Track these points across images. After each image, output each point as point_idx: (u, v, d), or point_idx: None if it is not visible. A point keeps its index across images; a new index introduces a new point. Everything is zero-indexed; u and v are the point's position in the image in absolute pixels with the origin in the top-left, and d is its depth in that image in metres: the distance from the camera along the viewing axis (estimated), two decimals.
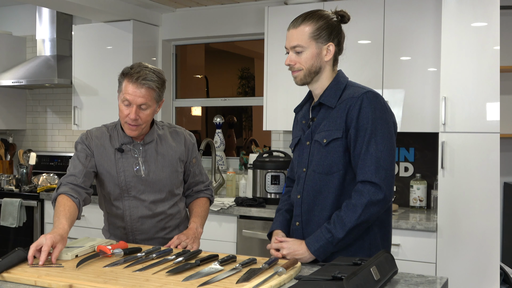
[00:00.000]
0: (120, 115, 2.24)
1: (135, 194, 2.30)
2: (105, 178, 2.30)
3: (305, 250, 1.92)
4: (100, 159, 2.29)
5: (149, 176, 2.29)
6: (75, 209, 2.13)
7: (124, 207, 2.31)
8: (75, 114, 4.65)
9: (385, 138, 1.92)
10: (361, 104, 1.93)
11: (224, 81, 5.98)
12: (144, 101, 2.17)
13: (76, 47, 4.63)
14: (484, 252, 3.06)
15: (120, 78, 2.24)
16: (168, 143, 2.35)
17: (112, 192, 2.31)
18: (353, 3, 3.56)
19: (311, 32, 1.98)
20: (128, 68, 2.22)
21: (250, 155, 4.23)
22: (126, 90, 2.18)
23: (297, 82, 2.05)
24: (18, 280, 1.73)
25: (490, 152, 3.06)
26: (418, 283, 1.71)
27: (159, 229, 2.36)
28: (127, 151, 2.29)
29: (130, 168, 2.28)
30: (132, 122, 2.19)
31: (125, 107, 2.20)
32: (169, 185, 2.34)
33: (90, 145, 2.30)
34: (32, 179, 4.67)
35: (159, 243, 2.35)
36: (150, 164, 2.30)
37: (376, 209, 1.90)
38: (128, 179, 2.28)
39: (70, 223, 2.03)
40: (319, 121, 2.03)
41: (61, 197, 2.13)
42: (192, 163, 2.44)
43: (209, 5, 4.52)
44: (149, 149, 2.31)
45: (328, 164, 1.97)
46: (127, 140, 2.30)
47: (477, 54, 3.09)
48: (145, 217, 2.32)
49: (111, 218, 2.38)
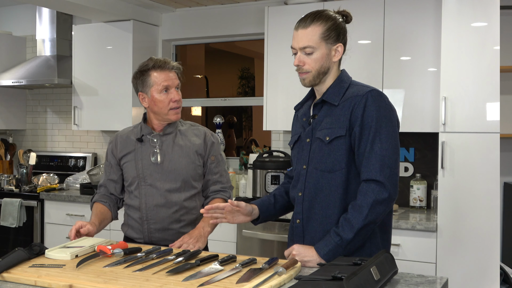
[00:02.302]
0: (162, 105, 2.37)
1: (151, 182, 2.40)
2: (127, 168, 2.45)
3: (314, 254, 1.91)
4: (123, 151, 2.47)
5: (164, 164, 2.40)
6: (106, 210, 2.47)
7: (140, 195, 2.41)
8: (75, 114, 4.65)
9: (389, 136, 1.92)
10: (366, 102, 1.93)
11: (224, 81, 5.99)
12: (178, 82, 2.41)
13: (76, 47, 4.63)
14: (484, 252, 3.06)
15: (141, 77, 2.39)
16: (187, 137, 2.46)
17: (131, 181, 2.44)
18: (353, 3, 3.55)
19: (321, 32, 1.97)
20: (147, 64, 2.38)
21: (250, 155, 4.23)
22: (162, 79, 2.36)
23: (305, 84, 2.04)
24: (18, 280, 1.73)
25: (490, 152, 3.06)
26: (418, 283, 1.71)
27: (174, 221, 2.39)
28: (146, 141, 2.43)
29: (147, 156, 2.41)
30: (177, 104, 2.39)
31: (164, 95, 2.36)
32: (185, 174, 2.40)
33: (115, 147, 2.50)
34: (32, 179, 4.67)
35: (173, 235, 2.38)
36: (167, 153, 2.41)
37: (382, 208, 1.89)
38: (145, 166, 2.40)
39: (99, 219, 2.40)
40: (320, 119, 2.03)
41: (94, 204, 2.49)
42: (210, 160, 2.48)
43: (209, 5, 4.52)
44: (167, 139, 2.43)
45: (331, 162, 1.97)
46: (147, 131, 2.45)
47: (477, 54, 3.09)
48: (160, 206, 2.39)
49: (129, 210, 2.48)
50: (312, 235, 2.02)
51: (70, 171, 4.94)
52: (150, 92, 2.37)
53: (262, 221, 2.19)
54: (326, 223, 1.98)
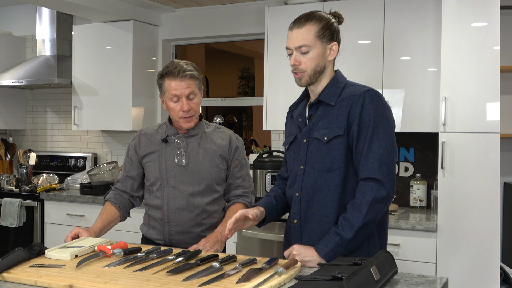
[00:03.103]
0: (173, 114, 2.36)
1: (174, 184, 2.37)
2: (149, 168, 2.42)
3: (315, 254, 1.91)
4: (146, 149, 2.44)
5: (189, 166, 2.37)
6: (114, 211, 2.44)
7: (163, 197, 2.39)
8: (75, 114, 4.65)
9: (387, 135, 1.94)
10: (363, 101, 1.94)
11: (224, 81, 5.99)
12: (190, 90, 2.32)
13: (76, 47, 4.63)
14: (484, 252, 3.06)
15: (159, 81, 2.37)
16: (212, 139, 2.43)
17: (154, 181, 2.41)
18: (353, 3, 3.55)
19: (316, 31, 1.99)
20: (164, 69, 2.35)
21: (250, 155, 4.23)
22: (172, 87, 2.31)
23: (302, 84, 2.05)
24: (18, 280, 1.73)
25: (490, 152, 3.06)
26: (418, 283, 1.71)
27: (195, 224, 2.38)
28: (171, 142, 2.41)
29: (172, 157, 2.38)
30: (187, 114, 2.32)
31: (175, 103, 2.33)
32: (209, 178, 2.38)
33: (138, 144, 2.47)
34: (32, 179, 4.67)
35: (193, 238, 2.37)
36: (191, 155, 2.38)
37: (381, 206, 1.91)
38: (169, 168, 2.38)
39: (103, 224, 2.38)
40: (317, 119, 2.04)
41: (106, 203, 2.47)
42: (234, 164, 2.46)
43: (209, 5, 4.52)
44: (192, 141, 2.40)
45: (329, 162, 1.98)
46: (173, 132, 2.42)
47: (477, 54, 3.09)
48: (182, 209, 2.37)
49: (150, 210, 2.45)
50: (310, 235, 2.03)
51: (70, 171, 4.94)
52: (165, 98, 2.36)
53: (267, 223, 2.19)
54: (324, 223, 1.99)
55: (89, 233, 2.27)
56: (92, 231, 2.30)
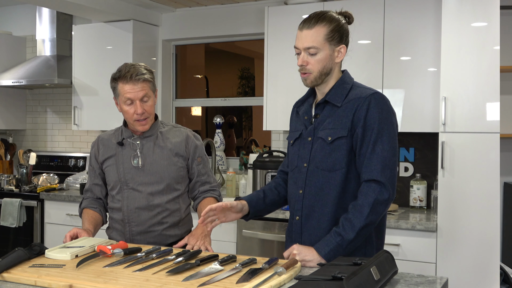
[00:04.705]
0: (127, 117, 2.36)
1: (133, 185, 2.39)
2: (109, 172, 2.44)
3: (315, 254, 1.91)
4: (104, 154, 2.45)
5: (145, 167, 2.38)
6: (97, 215, 2.46)
7: (122, 199, 2.40)
8: (75, 114, 4.65)
9: (390, 138, 1.96)
10: (368, 104, 1.96)
11: (224, 81, 5.99)
12: (144, 93, 2.32)
13: (76, 47, 4.63)
14: (484, 252, 3.06)
15: (113, 84, 2.38)
16: (168, 138, 2.44)
17: (114, 185, 2.43)
18: (353, 3, 3.55)
19: (326, 34, 2.00)
20: (117, 72, 2.36)
21: (250, 155, 4.23)
22: (125, 91, 2.32)
23: (307, 84, 2.06)
24: (18, 280, 1.73)
25: (490, 152, 3.06)
26: (418, 283, 1.71)
27: (156, 223, 2.39)
28: (127, 144, 2.42)
29: (128, 160, 2.40)
30: (141, 117, 2.33)
31: (128, 107, 2.34)
32: (167, 177, 2.39)
33: (97, 151, 2.48)
34: (32, 179, 4.67)
35: (155, 238, 2.38)
36: (147, 156, 2.39)
37: (382, 208, 1.93)
38: (127, 170, 2.39)
39: (93, 224, 2.39)
40: (322, 119, 2.05)
41: (84, 211, 2.48)
42: (197, 162, 2.47)
43: (209, 5, 4.52)
44: (148, 142, 2.42)
45: (332, 161, 1.99)
46: (128, 135, 2.43)
47: (477, 54, 3.09)
48: (141, 209, 2.38)
49: (112, 213, 2.48)
50: (310, 232, 2.04)
51: (70, 171, 4.94)
52: (119, 101, 2.37)
53: (252, 216, 2.19)
54: (322, 221, 2.01)
55: (87, 233, 2.28)
56: (89, 231, 2.31)
